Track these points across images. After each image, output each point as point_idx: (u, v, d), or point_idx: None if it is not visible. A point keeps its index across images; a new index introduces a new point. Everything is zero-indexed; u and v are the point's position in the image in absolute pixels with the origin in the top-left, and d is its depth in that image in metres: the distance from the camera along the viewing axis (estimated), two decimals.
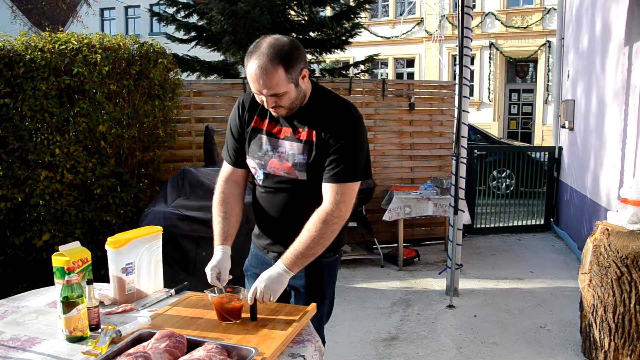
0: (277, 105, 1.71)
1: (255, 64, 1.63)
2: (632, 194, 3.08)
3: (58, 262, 1.79)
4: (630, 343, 2.96)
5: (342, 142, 1.73)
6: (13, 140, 3.58)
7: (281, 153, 1.80)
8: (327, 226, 1.71)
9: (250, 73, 1.65)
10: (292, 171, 1.79)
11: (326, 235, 1.71)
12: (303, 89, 1.74)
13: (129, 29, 22.44)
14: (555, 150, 6.79)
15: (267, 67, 1.61)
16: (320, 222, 1.71)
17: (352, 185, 1.75)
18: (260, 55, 1.62)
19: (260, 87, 1.65)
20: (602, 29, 4.94)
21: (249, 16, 6.64)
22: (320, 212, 1.72)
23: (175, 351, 1.37)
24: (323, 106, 1.78)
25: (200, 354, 1.34)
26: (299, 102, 1.75)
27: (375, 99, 5.77)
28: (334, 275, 2.01)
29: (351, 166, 1.74)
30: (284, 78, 1.64)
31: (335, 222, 1.72)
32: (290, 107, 1.74)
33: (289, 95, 1.69)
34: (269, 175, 1.84)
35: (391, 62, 19.30)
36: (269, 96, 1.68)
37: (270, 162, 1.82)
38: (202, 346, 1.40)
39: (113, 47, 3.79)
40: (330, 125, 1.74)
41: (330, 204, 1.73)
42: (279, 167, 1.81)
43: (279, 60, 1.62)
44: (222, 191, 1.93)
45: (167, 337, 1.40)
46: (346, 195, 1.74)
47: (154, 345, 1.38)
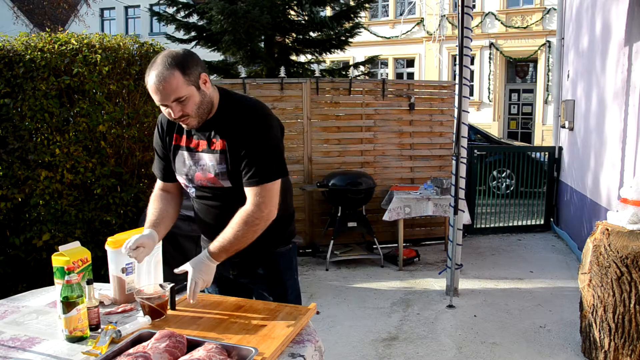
0: (184, 114, 1.71)
1: (152, 75, 1.66)
2: (632, 194, 3.07)
3: (58, 262, 1.79)
4: (630, 343, 2.96)
5: (251, 145, 1.75)
6: (13, 140, 3.58)
7: (203, 166, 1.83)
8: (249, 227, 1.74)
9: (150, 86, 1.67)
10: (216, 181, 1.82)
11: (248, 235, 1.75)
12: (208, 95, 1.75)
13: (129, 29, 22.43)
14: (555, 150, 6.79)
15: (164, 74, 1.64)
16: (242, 222, 1.75)
17: (271, 185, 1.77)
18: (156, 66, 1.66)
19: (162, 96, 1.66)
20: (602, 29, 4.94)
21: (248, 16, 6.64)
22: (242, 213, 1.76)
23: (175, 351, 1.37)
24: (230, 113, 1.80)
25: (200, 354, 1.34)
26: (205, 109, 1.76)
27: (375, 99, 5.77)
28: (292, 265, 2.06)
29: (265, 167, 1.76)
30: (182, 80, 1.66)
31: (257, 224, 1.75)
32: (197, 114, 1.73)
33: (193, 99, 1.70)
34: (198, 187, 1.89)
35: (391, 62, 19.29)
36: (172, 103, 1.68)
37: (195, 175, 1.86)
38: (202, 346, 1.40)
39: (113, 47, 3.79)
40: (238, 130, 1.77)
41: (251, 205, 1.76)
42: (203, 179, 1.85)
43: (174, 65, 1.65)
44: (156, 194, 2.01)
45: (167, 337, 1.40)
46: (266, 197, 1.75)
47: (154, 345, 1.38)
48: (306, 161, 5.59)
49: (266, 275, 1.97)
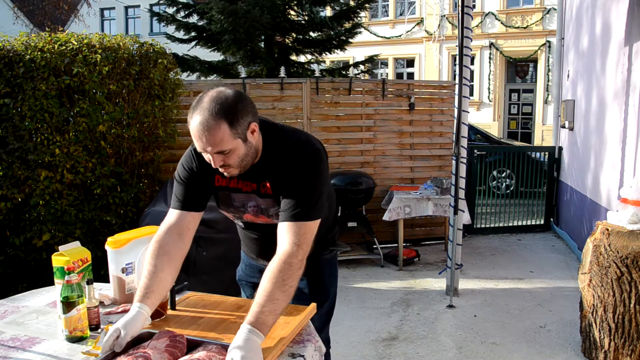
0: (225, 164, 1.58)
1: (197, 119, 1.50)
2: (632, 194, 3.07)
3: (58, 262, 1.79)
4: (630, 343, 2.96)
5: (301, 180, 1.62)
6: (13, 140, 3.58)
7: (253, 207, 1.74)
8: (291, 270, 1.51)
9: (192, 130, 1.52)
10: (269, 220, 1.75)
11: (291, 282, 1.50)
12: (254, 145, 1.61)
13: (129, 29, 22.43)
14: (555, 150, 6.79)
15: (209, 123, 1.48)
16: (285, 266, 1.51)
17: (310, 225, 1.60)
18: (202, 110, 1.50)
19: (205, 145, 1.52)
20: (602, 29, 4.94)
21: (249, 15, 6.64)
22: (281, 257, 1.53)
23: (175, 351, 1.37)
24: (277, 155, 1.66)
25: (200, 354, 1.34)
26: (249, 160, 1.62)
27: (375, 99, 5.77)
28: (336, 273, 2.00)
29: (310, 205, 1.60)
30: (229, 133, 1.51)
31: (298, 267, 1.53)
32: (240, 165, 1.61)
33: (237, 152, 1.56)
34: (248, 224, 1.83)
35: (391, 62, 19.29)
36: (214, 154, 1.54)
37: (245, 215, 1.79)
38: (202, 346, 1.40)
39: (113, 47, 3.79)
40: (286, 168, 1.63)
41: (290, 246, 1.55)
42: (254, 219, 1.78)
43: (222, 115, 1.49)
44: (158, 241, 1.68)
45: (167, 337, 1.40)
46: (306, 237, 1.58)
47: (153, 345, 1.38)
48: None
49: (310, 282, 1.91)
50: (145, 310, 1.53)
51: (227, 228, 3.56)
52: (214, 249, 3.48)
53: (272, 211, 1.70)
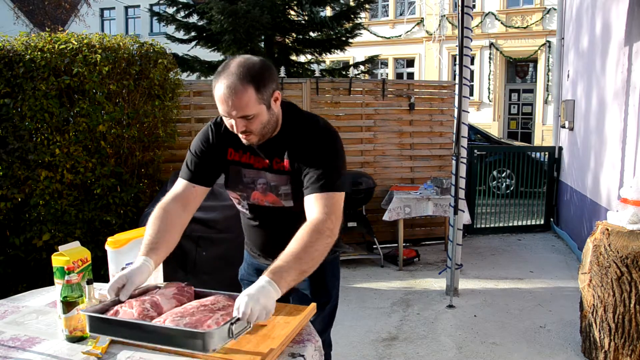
0: (247, 130, 1.60)
1: (223, 84, 1.53)
2: (632, 194, 3.07)
3: (58, 262, 1.78)
4: (630, 343, 2.96)
5: (322, 154, 1.64)
6: (13, 140, 3.58)
7: (262, 184, 1.73)
8: (322, 236, 1.52)
9: (218, 94, 1.54)
10: (277, 201, 1.73)
11: (319, 247, 1.51)
12: (275, 113, 1.65)
13: (129, 29, 22.43)
14: (555, 150, 6.79)
15: (237, 87, 1.51)
16: (314, 230, 1.52)
17: (338, 196, 1.62)
18: (229, 75, 1.53)
19: (230, 109, 1.54)
20: (602, 29, 4.94)
21: (249, 16, 6.65)
22: (311, 223, 1.55)
23: (183, 298, 1.41)
24: (296, 130, 1.69)
25: (208, 299, 1.43)
26: (270, 128, 1.65)
27: (375, 99, 5.77)
28: (338, 274, 1.99)
29: (334, 177, 1.63)
30: (255, 98, 1.54)
31: (328, 235, 1.54)
32: (261, 132, 1.63)
33: (260, 118, 1.59)
34: (253, 206, 1.79)
35: (391, 62, 19.30)
36: (238, 118, 1.57)
37: (252, 194, 1.76)
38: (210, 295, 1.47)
39: (113, 47, 3.79)
40: (306, 144, 1.66)
41: (320, 214, 1.57)
42: (262, 198, 1.75)
43: (249, 79, 1.52)
44: (163, 207, 1.72)
45: (174, 286, 1.48)
46: (335, 208, 1.59)
47: (161, 292, 1.45)
48: None
49: (312, 284, 1.86)
50: (150, 264, 1.56)
51: (227, 228, 3.57)
52: (214, 249, 3.48)
53: (282, 190, 1.69)
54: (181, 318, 1.28)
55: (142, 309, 1.32)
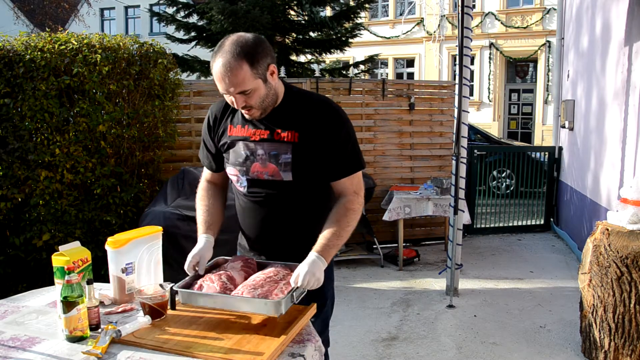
0: (248, 105, 1.67)
1: (219, 62, 1.60)
2: (632, 194, 3.07)
3: (58, 262, 1.79)
4: (630, 343, 2.96)
5: (341, 138, 1.74)
6: (13, 140, 3.58)
7: (261, 156, 1.76)
8: (354, 214, 1.76)
9: (215, 73, 1.62)
10: (276, 173, 1.76)
11: (353, 223, 1.76)
12: (273, 86, 1.71)
13: (129, 29, 22.43)
14: (555, 150, 6.79)
15: (232, 64, 1.58)
16: (348, 211, 1.75)
17: (360, 174, 1.82)
18: (224, 53, 1.60)
19: (227, 86, 1.62)
20: (602, 29, 4.94)
21: (249, 16, 6.65)
22: (346, 202, 1.76)
23: (249, 270, 1.69)
24: (301, 106, 1.76)
25: (269, 269, 1.68)
26: (270, 101, 1.72)
27: (375, 99, 5.77)
28: (332, 276, 2.00)
29: (355, 156, 1.79)
30: (250, 74, 1.60)
31: (358, 210, 1.79)
32: (261, 106, 1.70)
33: (258, 92, 1.65)
34: (253, 180, 1.81)
35: (391, 62, 19.29)
36: (236, 94, 1.64)
37: (252, 166, 1.79)
38: (270, 265, 1.72)
39: (113, 47, 3.79)
40: (319, 124, 1.73)
41: (351, 195, 1.78)
42: (262, 170, 1.78)
43: (243, 56, 1.59)
44: (204, 188, 1.98)
45: (240, 260, 1.75)
46: (360, 184, 1.81)
47: (231, 266, 1.71)
48: None
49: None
50: (211, 239, 1.84)
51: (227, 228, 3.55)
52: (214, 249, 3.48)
53: (282, 158, 1.74)
54: (254, 290, 1.55)
55: (221, 282, 1.61)
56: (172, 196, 3.82)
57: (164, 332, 1.58)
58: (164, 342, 1.51)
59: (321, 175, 1.79)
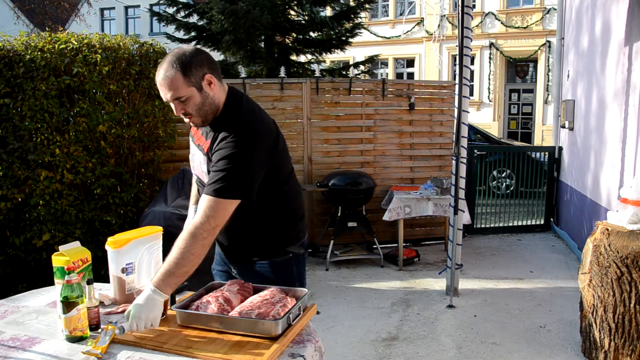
0: (187, 112, 1.74)
1: (159, 71, 1.71)
2: (632, 194, 3.07)
3: (58, 262, 1.78)
4: (630, 343, 2.96)
5: (220, 154, 1.69)
6: (13, 140, 3.58)
7: (198, 161, 1.87)
8: (196, 240, 1.63)
9: (156, 81, 1.73)
10: (203, 177, 1.84)
11: (195, 250, 1.63)
12: (210, 96, 1.74)
13: (129, 29, 22.42)
14: (555, 150, 6.78)
15: (167, 71, 1.69)
16: (189, 236, 1.64)
17: (228, 203, 1.68)
18: (163, 64, 1.71)
19: (165, 92, 1.71)
20: (602, 29, 4.94)
21: (249, 16, 6.64)
22: (190, 226, 1.67)
23: (245, 293, 1.73)
24: (224, 119, 1.77)
25: (265, 292, 1.69)
26: (209, 110, 1.75)
27: (375, 99, 5.77)
28: (303, 271, 2.00)
29: (226, 181, 1.67)
30: (182, 81, 1.68)
31: (205, 237, 1.65)
32: (199, 114, 1.75)
33: (193, 100, 1.71)
34: (197, 178, 1.95)
35: (391, 62, 19.29)
36: (174, 101, 1.72)
37: (194, 167, 1.93)
38: (266, 290, 1.72)
39: (113, 47, 3.79)
40: (220, 141, 1.72)
41: (201, 217, 1.66)
42: (197, 172, 1.92)
43: (177, 65, 1.68)
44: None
45: (237, 284, 1.76)
46: (219, 212, 1.67)
47: (228, 289, 1.73)
48: (306, 161, 5.59)
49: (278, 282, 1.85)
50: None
51: None
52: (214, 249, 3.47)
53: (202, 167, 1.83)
54: (251, 310, 1.58)
55: (219, 304, 1.63)
56: (172, 196, 3.82)
57: (164, 332, 1.58)
58: (164, 342, 1.51)
59: None
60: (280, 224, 1.92)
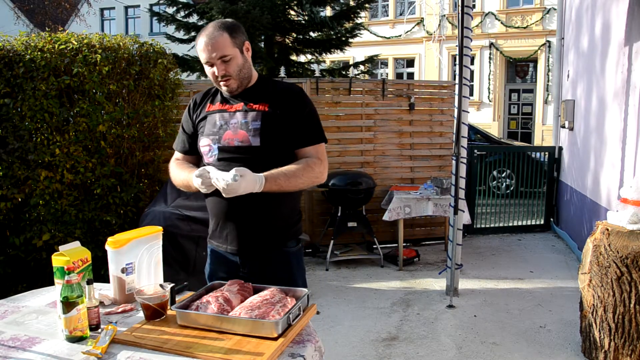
0: (227, 74, 1.87)
1: (203, 35, 1.86)
2: (632, 194, 3.07)
3: (58, 262, 1.78)
4: (630, 343, 2.96)
5: (306, 111, 1.93)
6: (13, 140, 3.58)
7: (234, 124, 1.92)
8: (311, 171, 1.85)
9: (199, 45, 1.86)
10: (246, 138, 1.88)
11: (305, 176, 1.84)
12: (248, 62, 1.94)
13: (129, 29, 22.42)
14: (555, 150, 6.79)
15: (214, 34, 1.84)
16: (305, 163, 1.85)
17: (324, 147, 1.96)
18: (207, 29, 1.87)
19: (210, 52, 1.84)
20: (602, 29, 4.94)
21: (249, 16, 6.64)
22: (309, 160, 1.87)
23: (245, 293, 1.72)
24: (272, 85, 1.98)
25: (265, 292, 1.69)
26: (246, 74, 1.92)
27: (375, 99, 5.77)
28: (302, 266, 2.09)
29: (320, 129, 1.95)
30: (229, 41, 1.85)
31: (316, 175, 1.87)
32: (238, 77, 1.89)
33: (236, 60, 1.87)
34: (223, 148, 1.92)
35: (391, 62, 19.29)
36: (217, 60, 1.85)
37: (225, 134, 1.93)
38: (266, 290, 1.72)
39: (113, 47, 3.78)
40: (287, 98, 1.92)
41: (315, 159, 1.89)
42: (233, 137, 1.91)
43: (224, 28, 1.86)
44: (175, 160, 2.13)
45: (237, 284, 1.76)
46: (324, 154, 1.93)
47: (228, 289, 1.73)
48: None
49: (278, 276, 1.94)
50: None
51: None
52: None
53: (252, 125, 1.89)
54: (251, 311, 1.58)
55: (219, 304, 1.64)
56: (172, 196, 3.82)
57: (164, 332, 1.58)
58: (164, 342, 1.51)
59: (287, 143, 1.90)
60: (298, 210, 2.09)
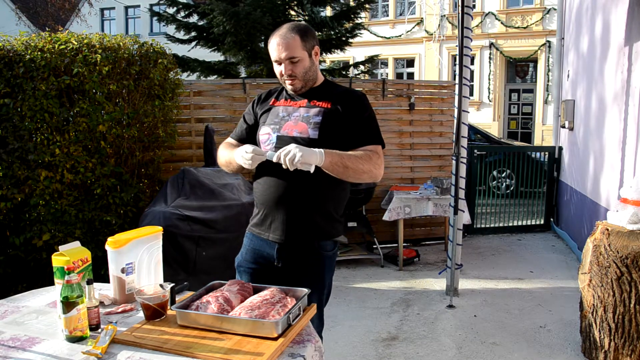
0: (293, 74, 1.96)
1: (276, 35, 1.96)
2: (632, 194, 3.07)
3: (58, 262, 1.79)
4: (630, 343, 2.96)
5: (366, 114, 2.02)
6: (13, 140, 3.58)
7: (296, 117, 2.01)
8: (370, 163, 1.92)
9: (271, 45, 1.97)
10: (305, 130, 1.97)
11: (364, 165, 1.90)
12: (315, 65, 2.04)
13: (129, 29, 22.43)
14: (555, 150, 6.79)
15: (286, 35, 1.94)
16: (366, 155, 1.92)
17: (381, 150, 2.03)
18: (280, 30, 1.97)
19: (280, 52, 1.94)
20: (602, 29, 4.94)
21: (250, 17, 6.64)
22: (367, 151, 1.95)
23: (245, 293, 1.74)
24: (335, 87, 2.09)
25: (265, 292, 1.70)
26: (311, 76, 2.02)
27: (375, 99, 5.77)
28: (333, 267, 2.15)
29: (378, 133, 2.05)
30: (300, 44, 1.95)
31: (372, 168, 1.94)
32: (304, 78, 1.99)
33: (303, 63, 1.97)
34: (282, 137, 1.99)
35: (391, 62, 19.29)
36: (286, 60, 1.94)
37: (285, 124, 2.01)
38: (266, 290, 1.74)
39: (113, 47, 3.79)
40: (349, 100, 2.02)
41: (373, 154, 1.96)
42: (293, 127, 1.99)
43: (296, 31, 1.96)
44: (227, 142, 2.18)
45: (237, 284, 1.77)
46: (382, 157, 2.00)
47: (228, 289, 1.74)
48: None
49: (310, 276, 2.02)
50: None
51: (227, 228, 3.57)
52: (214, 249, 3.48)
53: (313, 119, 1.99)
54: (251, 311, 1.59)
55: (219, 304, 1.65)
56: (172, 196, 3.82)
57: (164, 332, 1.58)
58: (164, 342, 1.51)
59: (344, 141, 1.97)
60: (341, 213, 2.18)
